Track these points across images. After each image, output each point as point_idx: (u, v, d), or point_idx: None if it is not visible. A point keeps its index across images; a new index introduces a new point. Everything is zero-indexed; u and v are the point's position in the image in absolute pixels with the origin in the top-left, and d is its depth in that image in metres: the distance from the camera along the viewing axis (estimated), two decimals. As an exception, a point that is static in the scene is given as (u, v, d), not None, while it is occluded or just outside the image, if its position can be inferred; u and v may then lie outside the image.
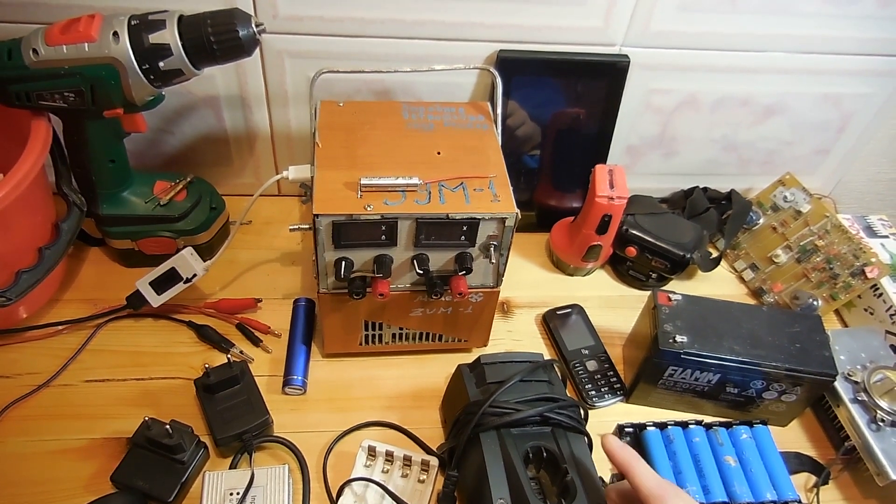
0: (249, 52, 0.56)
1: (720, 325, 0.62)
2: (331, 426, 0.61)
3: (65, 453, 0.57)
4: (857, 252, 0.72)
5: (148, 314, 0.68)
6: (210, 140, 0.77)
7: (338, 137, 0.60)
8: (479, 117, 0.64)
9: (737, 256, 0.82)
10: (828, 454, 0.64)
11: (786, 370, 0.59)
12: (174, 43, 0.55)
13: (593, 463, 0.53)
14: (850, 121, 0.82)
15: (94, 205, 0.66)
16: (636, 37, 0.71)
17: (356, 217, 0.53)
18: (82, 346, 0.65)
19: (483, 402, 0.54)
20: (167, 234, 0.69)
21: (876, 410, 0.61)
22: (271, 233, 0.79)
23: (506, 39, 0.69)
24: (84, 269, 0.72)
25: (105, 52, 0.55)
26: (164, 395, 0.62)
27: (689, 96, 0.77)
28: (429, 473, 0.57)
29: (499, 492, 0.50)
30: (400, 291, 0.60)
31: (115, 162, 0.65)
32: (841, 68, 0.76)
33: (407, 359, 0.68)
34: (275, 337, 0.68)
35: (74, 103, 0.58)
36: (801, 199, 0.77)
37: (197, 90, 0.72)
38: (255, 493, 0.54)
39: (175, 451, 0.55)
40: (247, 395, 0.60)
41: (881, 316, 0.72)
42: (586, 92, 0.74)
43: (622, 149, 0.82)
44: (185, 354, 0.65)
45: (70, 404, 0.61)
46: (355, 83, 0.72)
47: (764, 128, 0.82)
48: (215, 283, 0.72)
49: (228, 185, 0.79)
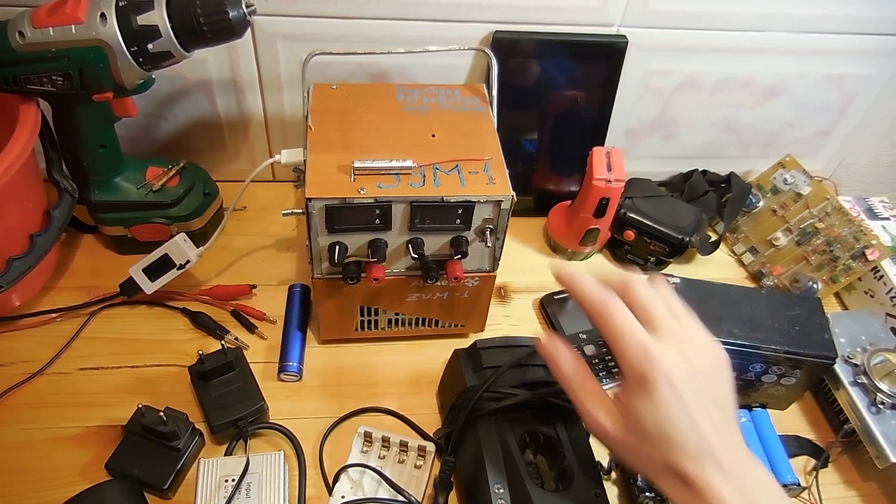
0: (240, 33, 0.55)
1: (719, 309, 0.61)
2: (327, 412, 0.61)
3: (60, 441, 0.57)
4: (857, 234, 0.71)
5: (142, 301, 0.67)
6: (203, 125, 0.76)
7: (331, 120, 0.59)
8: (474, 99, 0.63)
9: (736, 240, 0.81)
10: (827, 437, 0.64)
11: (785, 353, 0.59)
12: (163, 24, 0.54)
13: (591, 448, 0.53)
14: (852, 102, 0.81)
15: (86, 191, 0.66)
16: (635, 16, 0.69)
17: (349, 201, 0.52)
18: (76, 333, 0.64)
19: (479, 387, 0.54)
20: (160, 220, 0.68)
21: (876, 393, 0.60)
22: (266, 219, 0.78)
23: (501, 20, 0.68)
24: (77, 257, 0.72)
25: (93, 34, 0.54)
26: (159, 383, 0.62)
27: (689, 77, 0.76)
28: (425, 459, 0.57)
29: (495, 477, 0.50)
30: (395, 276, 0.59)
31: (106, 147, 0.64)
32: (843, 48, 0.75)
33: (403, 344, 0.67)
34: (270, 323, 0.68)
35: (63, 87, 0.57)
36: (801, 181, 0.77)
37: (189, 74, 0.71)
38: (251, 480, 0.53)
39: (170, 438, 0.54)
40: (242, 382, 0.59)
41: (881, 298, 0.71)
42: (584, 73, 0.73)
43: (621, 131, 0.81)
44: (179, 341, 0.65)
45: (64, 392, 0.60)
46: (349, 66, 0.71)
47: (765, 109, 0.81)
48: (210, 270, 0.71)
49: (222, 171, 0.78)
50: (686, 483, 0.40)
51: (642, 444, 0.41)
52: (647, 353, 0.41)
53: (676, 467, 0.40)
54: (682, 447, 0.40)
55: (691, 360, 0.41)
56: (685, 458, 0.40)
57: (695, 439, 0.40)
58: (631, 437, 0.42)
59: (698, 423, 0.40)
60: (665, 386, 0.40)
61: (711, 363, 0.43)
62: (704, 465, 0.40)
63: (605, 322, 0.43)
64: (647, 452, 0.41)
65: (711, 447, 0.40)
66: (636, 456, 0.43)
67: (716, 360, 0.43)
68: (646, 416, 0.41)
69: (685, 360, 0.41)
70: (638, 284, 0.44)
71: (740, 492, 0.39)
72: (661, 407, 0.40)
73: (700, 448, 0.40)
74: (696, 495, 0.40)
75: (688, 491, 0.40)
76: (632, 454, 0.43)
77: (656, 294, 0.44)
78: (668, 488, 0.41)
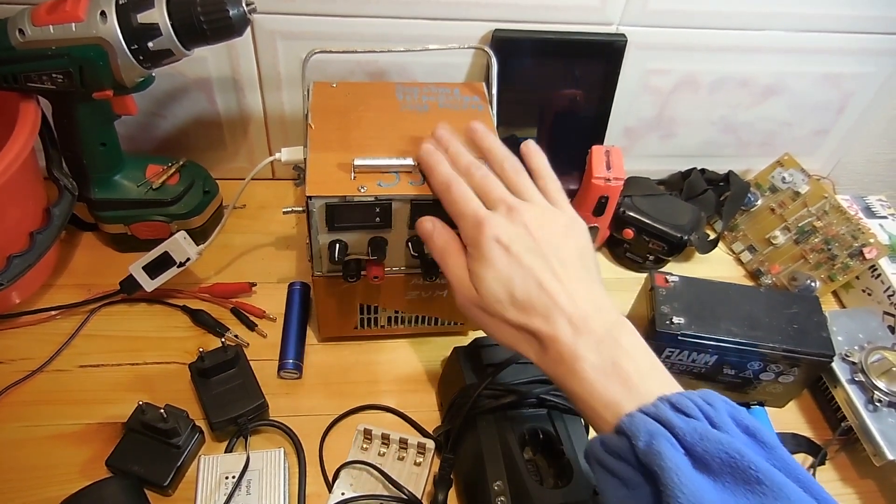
0: (240, 31, 0.55)
1: (718, 307, 0.61)
2: (326, 410, 0.61)
3: (60, 438, 0.57)
4: (855, 233, 0.71)
5: (142, 299, 0.67)
6: (203, 123, 0.76)
7: (331, 119, 0.59)
8: (474, 98, 0.63)
9: (734, 238, 0.81)
10: (825, 435, 0.64)
11: (783, 351, 0.59)
12: (163, 22, 0.54)
13: (590, 445, 0.53)
14: (850, 101, 0.82)
15: (86, 189, 0.66)
16: (634, 15, 0.70)
17: (350, 199, 0.52)
18: (76, 331, 0.64)
19: (479, 384, 0.54)
20: (160, 218, 0.68)
21: (873, 391, 0.61)
22: (266, 217, 0.78)
23: (501, 19, 0.68)
24: (77, 255, 0.72)
25: (93, 32, 0.54)
26: (159, 380, 0.62)
27: (688, 76, 0.76)
28: (425, 456, 0.57)
29: (495, 475, 0.50)
30: (395, 274, 0.60)
31: (106, 145, 0.64)
32: (841, 47, 0.75)
33: (403, 342, 0.67)
34: (270, 321, 0.68)
35: (63, 85, 0.57)
36: (799, 179, 0.77)
37: (188, 72, 0.71)
38: (251, 477, 0.54)
39: (170, 435, 0.54)
40: (242, 380, 0.60)
41: (879, 297, 0.72)
42: (583, 72, 0.73)
43: (619, 130, 0.81)
44: (179, 339, 0.65)
45: (64, 389, 0.60)
46: (349, 64, 0.71)
47: (763, 108, 0.81)
48: (210, 268, 0.71)
49: (222, 170, 0.78)
50: (540, 342, 0.42)
51: (494, 306, 0.43)
52: (476, 219, 0.44)
53: (527, 325, 0.42)
54: (527, 304, 0.42)
55: (527, 224, 0.44)
56: (533, 315, 0.41)
57: (539, 297, 0.41)
58: (485, 302, 0.43)
59: (542, 282, 0.42)
60: (495, 247, 0.43)
61: (555, 227, 0.45)
62: (555, 321, 0.41)
63: (446, 198, 0.48)
64: (501, 314, 0.43)
65: (560, 304, 0.41)
66: (495, 323, 0.44)
67: (564, 225, 0.46)
68: (484, 276, 0.43)
69: (519, 223, 0.44)
70: (476, 169, 0.48)
71: (597, 349, 0.40)
72: (497, 267, 0.43)
73: (547, 305, 0.41)
74: (551, 354, 0.41)
75: (543, 350, 0.42)
76: (491, 322, 0.44)
77: (492, 176, 0.48)
78: (529, 351, 0.43)
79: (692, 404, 0.36)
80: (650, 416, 0.36)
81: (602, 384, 0.39)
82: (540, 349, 0.42)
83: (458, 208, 0.46)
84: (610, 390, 0.39)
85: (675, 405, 0.36)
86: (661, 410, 0.36)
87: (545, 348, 0.42)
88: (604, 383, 0.39)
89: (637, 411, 0.37)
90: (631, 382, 0.39)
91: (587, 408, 0.40)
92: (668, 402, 0.37)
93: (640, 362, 0.40)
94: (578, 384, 0.40)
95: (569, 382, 0.40)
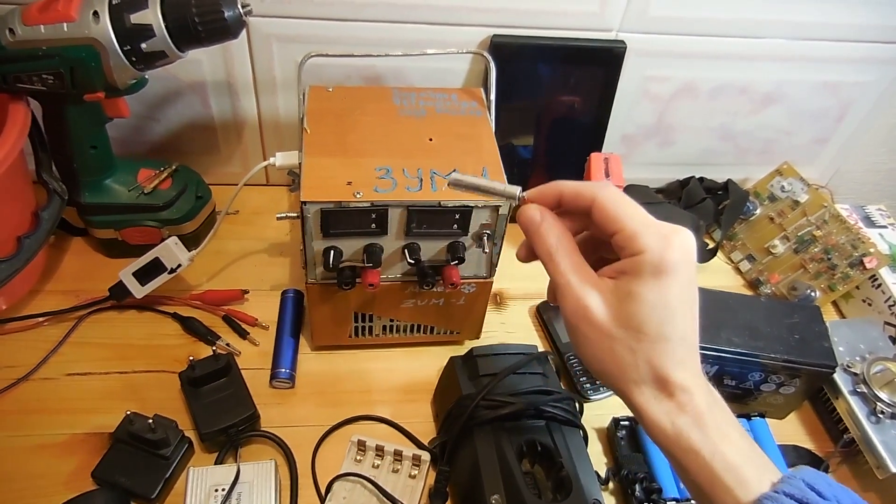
0: (235, 34, 0.55)
1: (717, 316, 0.61)
2: (319, 420, 0.60)
3: (44, 449, 0.56)
4: (855, 242, 0.71)
5: (132, 306, 0.66)
6: (196, 127, 0.75)
7: (327, 123, 0.58)
8: (472, 103, 0.63)
9: (733, 247, 0.80)
10: (826, 447, 0.63)
11: (784, 362, 0.58)
12: (157, 23, 0.53)
13: (588, 457, 0.52)
14: (849, 109, 0.81)
15: (76, 193, 0.65)
16: (633, 22, 0.69)
17: (345, 205, 0.51)
18: (64, 338, 0.63)
19: (476, 395, 0.53)
20: (151, 223, 0.67)
21: (876, 402, 0.60)
22: (259, 223, 0.77)
23: (500, 24, 0.68)
24: (66, 260, 0.70)
25: (85, 32, 0.53)
26: (148, 389, 0.60)
27: (687, 84, 0.76)
28: (420, 468, 0.56)
29: (493, 487, 0.49)
30: (390, 282, 0.59)
31: (97, 148, 0.63)
32: (840, 55, 0.75)
33: (398, 351, 0.66)
34: (262, 329, 0.66)
35: (54, 86, 0.56)
36: (798, 188, 0.76)
37: (182, 75, 0.70)
38: (242, 490, 0.52)
39: (158, 446, 0.53)
40: (233, 389, 0.58)
41: (880, 307, 0.71)
42: (582, 79, 0.73)
43: (618, 137, 0.81)
44: (169, 347, 0.64)
45: (51, 398, 0.59)
46: (345, 69, 0.71)
47: (762, 116, 0.81)
48: (201, 274, 0.70)
49: (216, 175, 0.77)
50: (667, 391, 0.35)
51: (629, 337, 0.35)
52: (664, 234, 0.35)
53: (661, 371, 0.35)
54: (673, 349, 0.35)
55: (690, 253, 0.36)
56: (672, 361, 0.35)
57: (688, 340, 0.36)
58: (618, 328, 0.36)
59: (690, 324, 0.36)
60: (683, 272, 0.35)
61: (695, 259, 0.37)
62: (691, 371, 0.35)
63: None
64: (632, 348, 0.35)
65: (696, 353, 0.36)
66: (614, 354, 0.36)
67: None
68: (651, 301, 0.35)
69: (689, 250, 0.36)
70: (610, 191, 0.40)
71: (709, 407, 0.35)
72: (670, 296, 0.35)
73: (690, 352, 0.36)
74: (678, 405, 0.35)
75: (669, 400, 0.35)
76: (609, 351, 0.36)
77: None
78: (642, 399, 0.36)
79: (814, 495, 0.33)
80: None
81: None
82: (665, 399, 0.36)
83: (636, 224, 0.37)
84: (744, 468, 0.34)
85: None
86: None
87: (673, 399, 0.35)
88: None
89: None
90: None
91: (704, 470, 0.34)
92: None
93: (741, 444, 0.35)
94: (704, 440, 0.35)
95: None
